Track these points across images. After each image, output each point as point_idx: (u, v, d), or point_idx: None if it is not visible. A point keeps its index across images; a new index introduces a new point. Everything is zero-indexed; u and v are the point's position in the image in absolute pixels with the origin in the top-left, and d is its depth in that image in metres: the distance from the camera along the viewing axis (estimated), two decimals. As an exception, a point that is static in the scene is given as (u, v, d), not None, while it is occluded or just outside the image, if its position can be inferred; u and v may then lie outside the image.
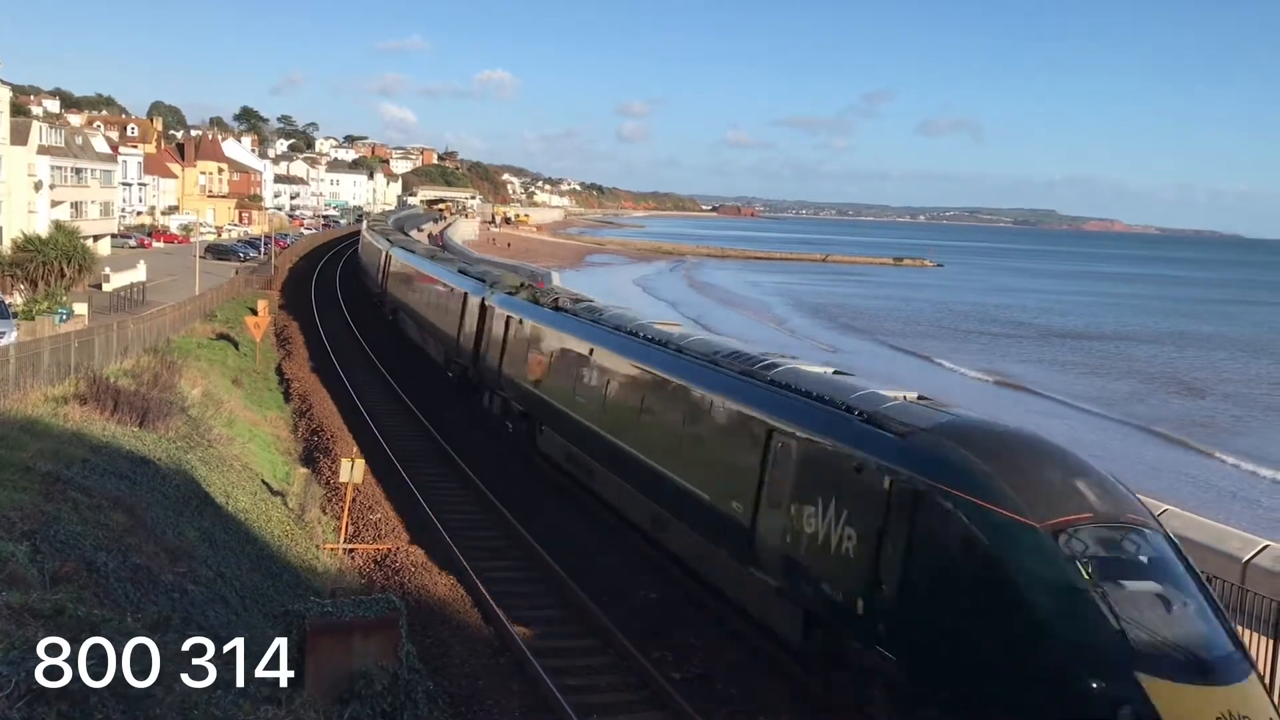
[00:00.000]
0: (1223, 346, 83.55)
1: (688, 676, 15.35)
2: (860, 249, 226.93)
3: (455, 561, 19.61)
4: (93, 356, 26.75)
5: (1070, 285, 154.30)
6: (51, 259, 47.01)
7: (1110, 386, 61.19)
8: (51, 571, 9.79)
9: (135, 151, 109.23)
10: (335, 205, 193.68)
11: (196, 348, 36.80)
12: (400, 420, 32.58)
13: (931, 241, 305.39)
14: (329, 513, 22.13)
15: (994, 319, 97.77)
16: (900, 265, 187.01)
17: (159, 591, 11.33)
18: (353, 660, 9.58)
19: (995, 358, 70.17)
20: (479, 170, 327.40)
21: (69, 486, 13.60)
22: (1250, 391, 62.52)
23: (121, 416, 19.60)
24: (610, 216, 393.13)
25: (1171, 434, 47.25)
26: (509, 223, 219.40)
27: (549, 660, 15.31)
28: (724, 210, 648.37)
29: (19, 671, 6.55)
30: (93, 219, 79.29)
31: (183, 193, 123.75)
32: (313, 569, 17.88)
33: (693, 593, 18.48)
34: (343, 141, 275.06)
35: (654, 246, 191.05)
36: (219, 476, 19.74)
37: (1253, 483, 39.83)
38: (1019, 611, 10.75)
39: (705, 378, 17.99)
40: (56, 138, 78.85)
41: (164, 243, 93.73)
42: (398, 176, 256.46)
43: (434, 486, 25.02)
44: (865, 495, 12.70)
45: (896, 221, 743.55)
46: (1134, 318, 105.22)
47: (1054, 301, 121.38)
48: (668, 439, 18.77)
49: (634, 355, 21.13)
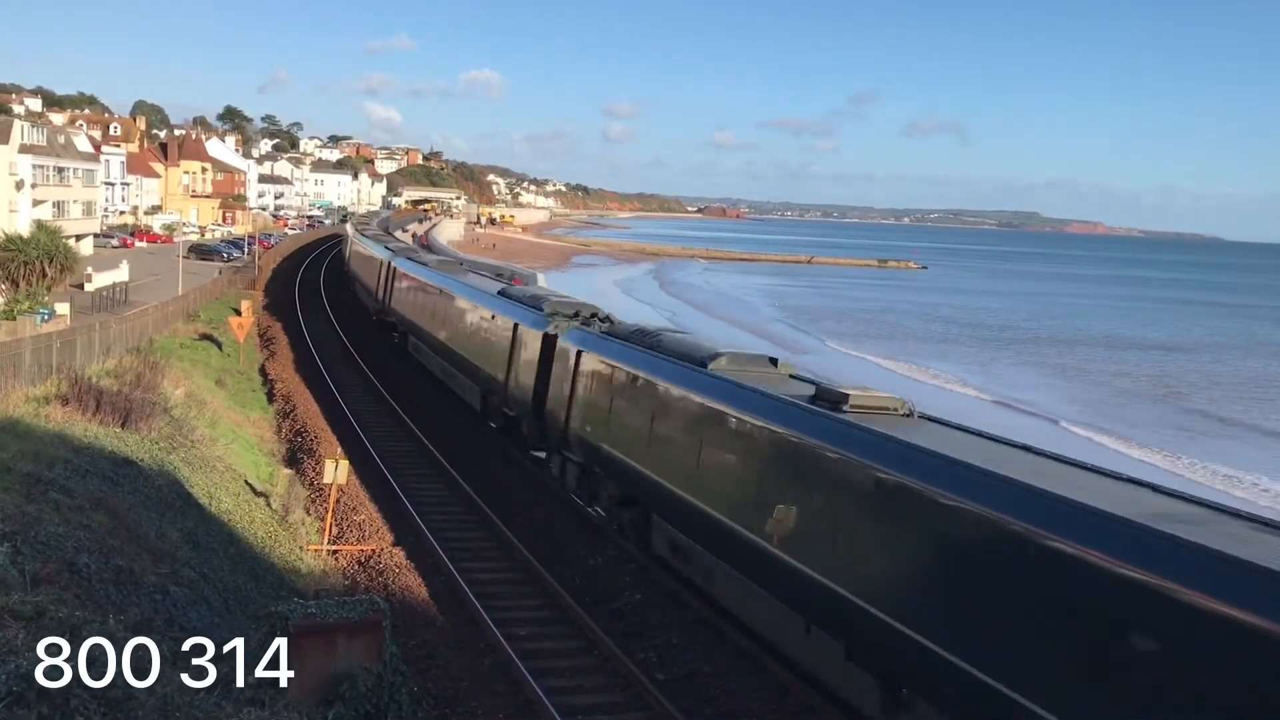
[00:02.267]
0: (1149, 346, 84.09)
1: (672, 677, 15.38)
2: (845, 251, 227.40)
3: (439, 563, 19.60)
4: (75, 357, 26.61)
5: (1036, 286, 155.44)
6: (33, 258, 46.70)
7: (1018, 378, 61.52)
8: (32, 573, 9.74)
9: (118, 151, 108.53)
10: (320, 205, 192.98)
11: (179, 348, 36.61)
12: (387, 423, 32.49)
13: (916, 244, 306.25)
14: (313, 514, 22.07)
15: (955, 320, 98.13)
16: (885, 267, 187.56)
17: (141, 593, 11.29)
18: (336, 662, 9.57)
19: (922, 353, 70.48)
20: (464, 171, 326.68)
21: (50, 487, 13.53)
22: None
23: (104, 417, 19.50)
24: (596, 218, 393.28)
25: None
26: (494, 223, 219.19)
27: (533, 662, 15.32)
28: (709, 211, 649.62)
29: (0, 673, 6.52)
30: (75, 218, 78.71)
31: (166, 192, 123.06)
32: (296, 570, 17.84)
33: (676, 593, 18.50)
34: (327, 141, 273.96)
35: (639, 248, 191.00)
36: (202, 477, 19.66)
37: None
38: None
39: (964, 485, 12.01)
40: (38, 136, 78.24)
41: (147, 242, 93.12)
42: (382, 177, 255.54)
43: (418, 488, 25.01)
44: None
45: (881, 223, 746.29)
46: (1087, 320, 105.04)
47: (1011, 305, 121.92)
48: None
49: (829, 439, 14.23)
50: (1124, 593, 9.70)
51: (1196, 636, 9.05)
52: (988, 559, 11.33)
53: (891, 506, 12.70)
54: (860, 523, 13.29)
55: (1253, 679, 8.66)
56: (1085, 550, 10.14)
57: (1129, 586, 9.65)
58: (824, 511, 14.01)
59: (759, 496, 15.33)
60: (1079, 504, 10.70)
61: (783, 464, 15.07)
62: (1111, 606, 9.85)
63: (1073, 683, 10.04)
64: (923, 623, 11.88)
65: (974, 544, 11.52)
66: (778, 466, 15.17)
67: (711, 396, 17.13)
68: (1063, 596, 10.32)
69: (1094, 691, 9.85)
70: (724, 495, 16.37)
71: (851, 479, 13.42)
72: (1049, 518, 10.72)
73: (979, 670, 11.03)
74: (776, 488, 15.02)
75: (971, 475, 11.97)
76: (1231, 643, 8.80)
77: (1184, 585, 9.23)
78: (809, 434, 14.56)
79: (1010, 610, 10.92)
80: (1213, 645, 8.93)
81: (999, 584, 11.08)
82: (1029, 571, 10.71)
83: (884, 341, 76.50)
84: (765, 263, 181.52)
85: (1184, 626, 9.16)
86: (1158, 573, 9.49)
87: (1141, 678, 9.52)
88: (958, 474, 12.12)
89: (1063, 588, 10.32)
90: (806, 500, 14.41)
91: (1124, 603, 9.72)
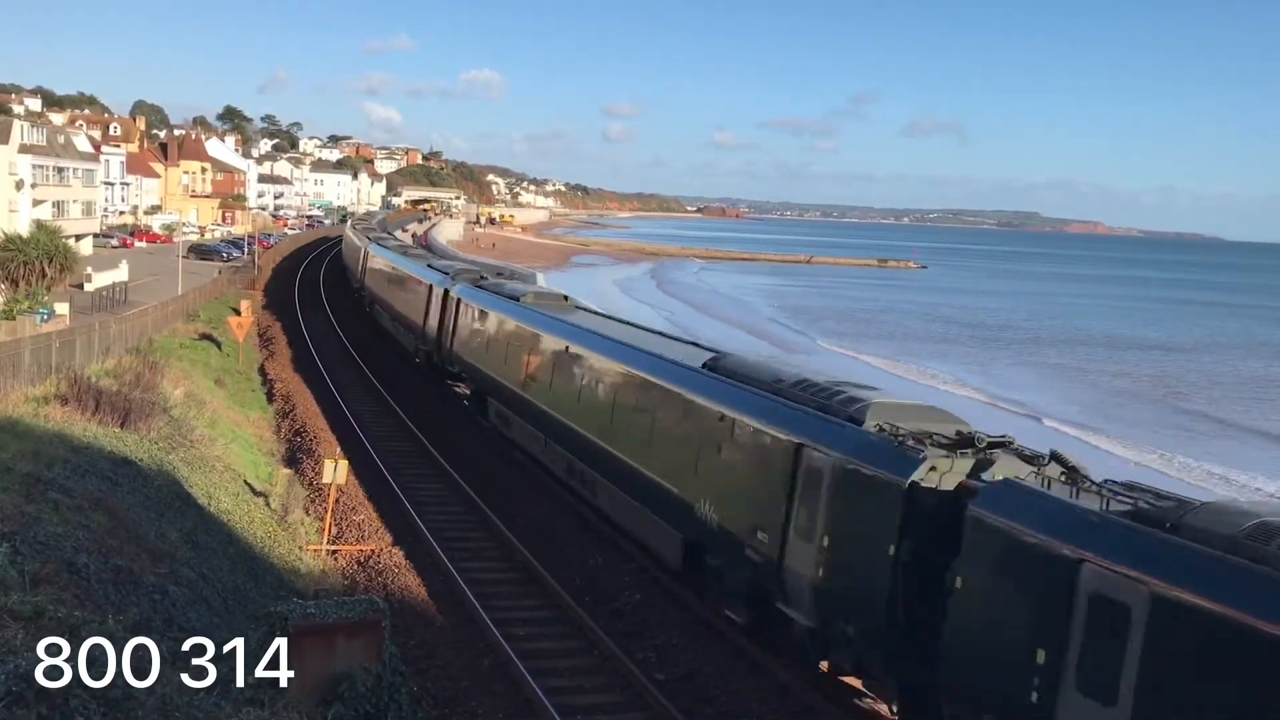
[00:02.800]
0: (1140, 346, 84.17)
1: (671, 677, 15.38)
2: (845, 251, 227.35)
3: (438, 562, 19.60)
4: (74, 356, 26.60)
5: (1035, 287, 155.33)
6: (33, 258, 46.70)
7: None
8: (32, 573, 9.73)
9: (118, 151, 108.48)
10: (319, 205, 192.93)
11: (179, 348, 36.62)
12: (387, 424, 32.48)
13: (916, 243, 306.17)
14: (312, 514, 22.07)
15: (953, 320, 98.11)
16: (885, 266, 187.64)
17: (140, 593, 11.28)
18: (336, 661, 9.57)
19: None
20: (464, 171, 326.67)
21: (50, 487, 13.53)
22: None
23: (103, 417, 19.50)
24: (595, 217, 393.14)
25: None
26: (494, 223, 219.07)
27: (533, 662, 15.32)
28: (709, 211, 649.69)
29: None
30: (75, 218, 78.68)
31: (165, 192, 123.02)
32: (295, 570, 17.84)
33: (676, 594, 18.51)
34: (327, 141, 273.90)
35: (639, 247, 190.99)
36: (201, 477, 19.66)
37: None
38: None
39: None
40: (38, 136, 78.22)
41: (146, 242, 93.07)
42: (382, 177, 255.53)
43: (417, 488, 24.99)
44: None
45: (881, 223, 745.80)
46: (1083, 320, 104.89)
47: (1010, 304, 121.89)
48: None
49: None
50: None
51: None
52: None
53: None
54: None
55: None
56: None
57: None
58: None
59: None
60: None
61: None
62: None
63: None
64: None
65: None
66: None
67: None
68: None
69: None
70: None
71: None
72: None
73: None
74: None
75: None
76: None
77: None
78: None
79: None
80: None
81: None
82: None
83: (884, 341, 76.42)
84: (764, 262, 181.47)
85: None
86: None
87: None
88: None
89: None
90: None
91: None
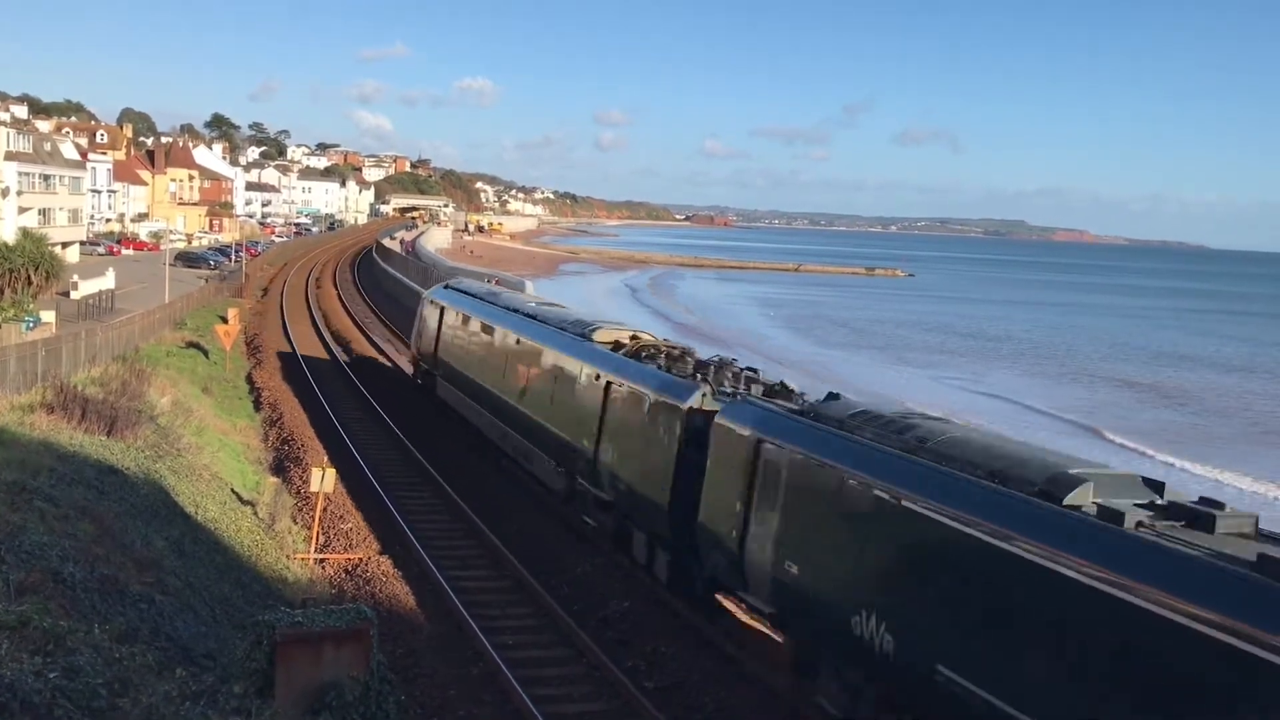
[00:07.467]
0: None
1: (660, 685, 15.36)
2: (833, 259, 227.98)
3: (427, 571, 19.54)
4: (60, 364, 26.50)
5: (1023, 295, 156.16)
6: (18, 266, 46.46)
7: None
8: (16, 582, 9.69)
9: (104, 158, 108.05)
10: (307, 213, 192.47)
11: (166, 356, 36.46)
12: (374, 431, 32.39)
13: (903, 251, 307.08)
14: (299, 522, 21.99)
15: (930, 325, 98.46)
16: (873, 275, 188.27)
17: (127, 602, 11.23)
18: (323, 671, 9.53)
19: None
20: (452, 178, 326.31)
21: (35, 496, 13.45)
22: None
23: (89, 425, 19.42)
24: (584, 225, 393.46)
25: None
26: (482, 231, 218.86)
27: (521, 670, 15.28)
28: (698, 220, 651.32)
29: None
30: (61, 226, 78.34)
31: (153, 200, 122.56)
32: (283, 579, 17.76)
33: (665, 602, 18.49)
34: (315, 149, 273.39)
35: (628, 255, 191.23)
36: (188, 486, 19.58)
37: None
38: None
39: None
40: (24, 144, 77.88)
41: (133, 250, 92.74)
42: (370, 184, 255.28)
43: (406, 496, 24.92)
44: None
45: (869, 231, 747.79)
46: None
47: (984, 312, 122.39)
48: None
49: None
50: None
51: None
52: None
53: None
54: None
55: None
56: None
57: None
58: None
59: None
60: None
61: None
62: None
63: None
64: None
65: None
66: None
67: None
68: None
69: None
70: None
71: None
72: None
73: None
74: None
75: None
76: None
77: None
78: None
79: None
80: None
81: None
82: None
83: (879, 351, 76.78)
84: (753, 270, 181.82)
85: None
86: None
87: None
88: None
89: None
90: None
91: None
